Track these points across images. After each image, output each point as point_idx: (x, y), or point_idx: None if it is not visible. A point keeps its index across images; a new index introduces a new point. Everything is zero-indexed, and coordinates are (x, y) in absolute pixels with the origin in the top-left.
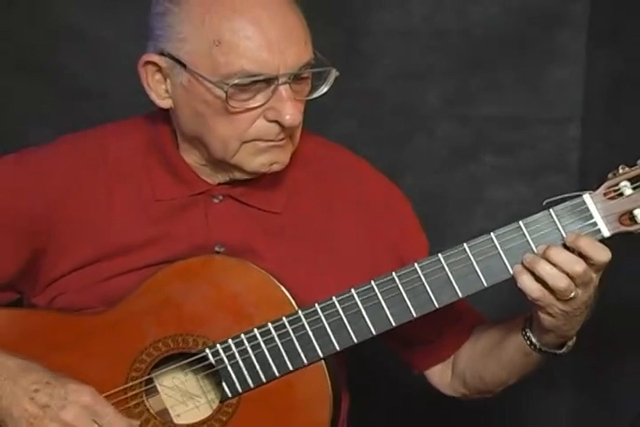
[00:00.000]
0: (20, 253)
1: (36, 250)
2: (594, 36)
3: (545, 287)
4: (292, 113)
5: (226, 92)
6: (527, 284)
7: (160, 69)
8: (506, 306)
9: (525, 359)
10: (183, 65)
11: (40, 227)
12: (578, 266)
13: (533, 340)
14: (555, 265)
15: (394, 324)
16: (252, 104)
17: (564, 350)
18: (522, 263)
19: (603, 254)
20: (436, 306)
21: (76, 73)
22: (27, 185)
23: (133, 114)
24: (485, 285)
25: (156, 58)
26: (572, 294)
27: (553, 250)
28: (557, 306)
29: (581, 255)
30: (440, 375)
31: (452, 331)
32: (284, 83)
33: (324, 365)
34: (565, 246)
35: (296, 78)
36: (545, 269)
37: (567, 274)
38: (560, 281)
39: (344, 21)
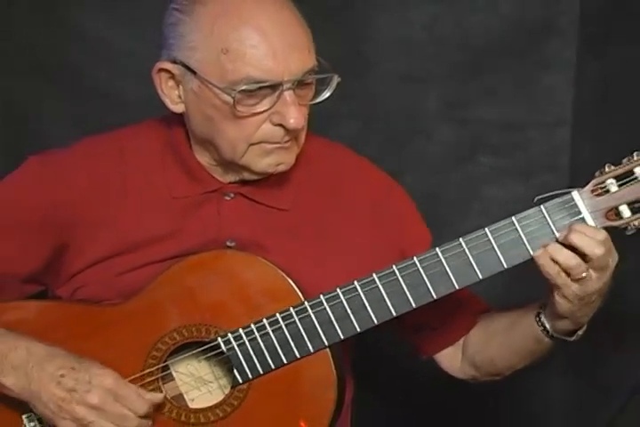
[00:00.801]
0: (42, 250)
1: (57, 246)
2: (583, 45)
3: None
4: (295, 117)
5: (233, 98)
6: (546, 264)
7: (173, 76)
8: (501, 299)
9: (537, 346)
10: (193, 72)
11: (62, 224)
12: (598, 249)
13: (547, 326)
14: (577, 248)
15: (394, 314)
16: (258, 109)
17: (574, 338)
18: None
19: (598, 233)
20: (434, 297)
21: (90, 74)
22: (49, 185)
23: (145, 114)
24: (480, 277)
25: (168, 65)
26: (584, 274)
27: (574, 234)
28: (572, 288)
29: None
30: (450, 359)
31: (455, 317)
32: (289, 88)
33: (329, 352)
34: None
35: (300, 84)
36: (557, 251)
37: (587, 256)
38: (570, 260)
39: (348, 29)
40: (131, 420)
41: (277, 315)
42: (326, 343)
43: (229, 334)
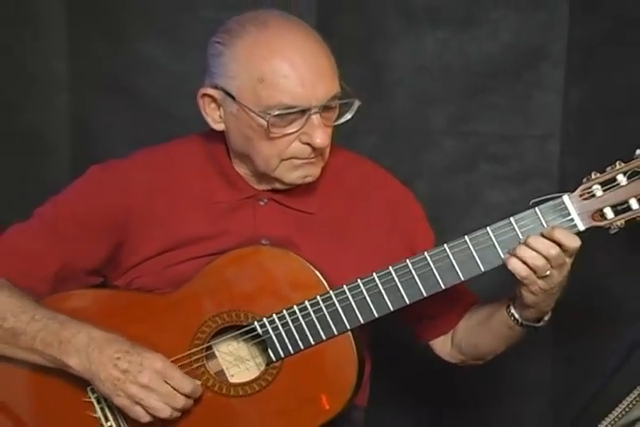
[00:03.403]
0: (103, 247)
1: (117, 243)
2: (570, 68)
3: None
4: (321, 137)
5: (267, 122)
6: (516, 266)
7: (214, 100)
8: (499, 295)
9: (509, 332)
10: (233, 97)
11: (119, 224)
12: (552, 250)
13: (516, 316)
14: (534, 250)
15: (408, 302)
16: (289, 130)
17: (541, 323)
18: (509, 252)
19: (574, 241)
20: (442, 287)
21: (146, 94)
22: (109, 190)
23: (192, 128)
24: (482, 270)
25: (211, 91)
26: (548, 272)
27: (532, 238)
28: (538, 284)
29: (557, 243)
30: (442, 345)
31: (451, 309)
32: (316, 113)
33: (351, 335)
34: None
35: (325, 108)
36: (525, 252)
37: (544, 257)
38: (537, 260)
39: (370, 58)
40: (176, 398)
41: (306, 302)
42: (348, 327)
43: (264, 319)
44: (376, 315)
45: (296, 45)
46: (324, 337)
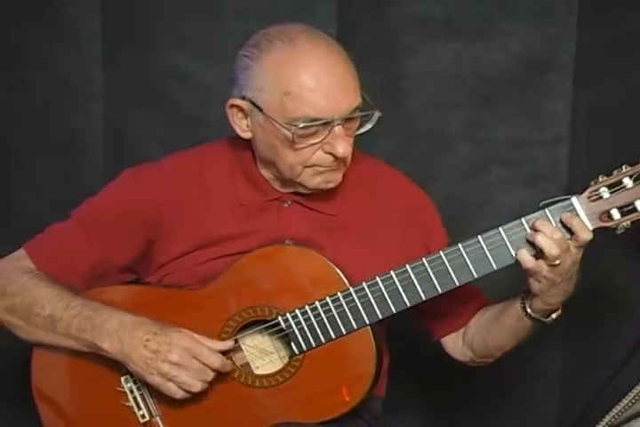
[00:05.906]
0: (135, 246)
1: (148, 241)
2: (578, 77)
3: (537, 258)
4: (344, 147)
5: (293, 133)
6: (523, 256)
7: (242, 110)
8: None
9: (518, 324)
10: (260, 109)
11: (151, 224)
12: (556, 234)
13: (526, 306)
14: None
15: (424, 298)
16: (313, 141)
17: (549, 319)
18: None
19: (586, 233)
20: (457, 284)
21: (177, 102)
22: (142, 191)
23: (221, 134)
24: (495, 268)
25: (239, 102)
26: (558, 262)
27: (539, 221)
28: (543, 272)
29: (571, 232)
30: (453, 343)
31: (463, 307)
32: (338, 124)
33: (370, 330)
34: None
35: (347, 119)
36: (544, 240)
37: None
38: (553, 249)
39: (388, 67)
40: (207, 372)
41: (327, 298)
42: (367, 322)
43: (288, 314)
44: (394, 310)
45: (322, 61)
46: (344, 331)
